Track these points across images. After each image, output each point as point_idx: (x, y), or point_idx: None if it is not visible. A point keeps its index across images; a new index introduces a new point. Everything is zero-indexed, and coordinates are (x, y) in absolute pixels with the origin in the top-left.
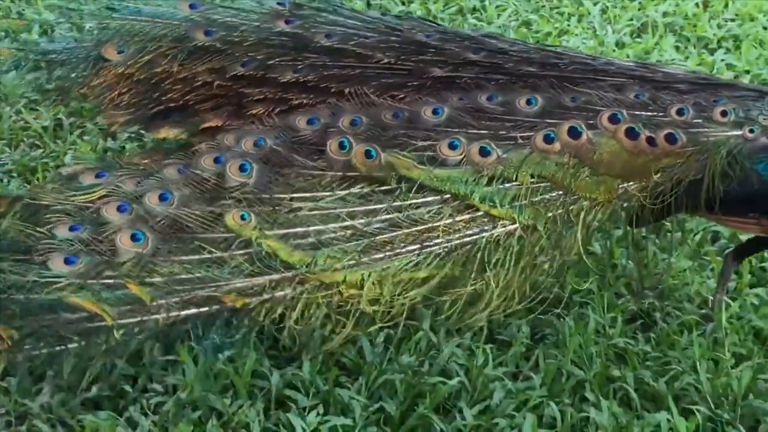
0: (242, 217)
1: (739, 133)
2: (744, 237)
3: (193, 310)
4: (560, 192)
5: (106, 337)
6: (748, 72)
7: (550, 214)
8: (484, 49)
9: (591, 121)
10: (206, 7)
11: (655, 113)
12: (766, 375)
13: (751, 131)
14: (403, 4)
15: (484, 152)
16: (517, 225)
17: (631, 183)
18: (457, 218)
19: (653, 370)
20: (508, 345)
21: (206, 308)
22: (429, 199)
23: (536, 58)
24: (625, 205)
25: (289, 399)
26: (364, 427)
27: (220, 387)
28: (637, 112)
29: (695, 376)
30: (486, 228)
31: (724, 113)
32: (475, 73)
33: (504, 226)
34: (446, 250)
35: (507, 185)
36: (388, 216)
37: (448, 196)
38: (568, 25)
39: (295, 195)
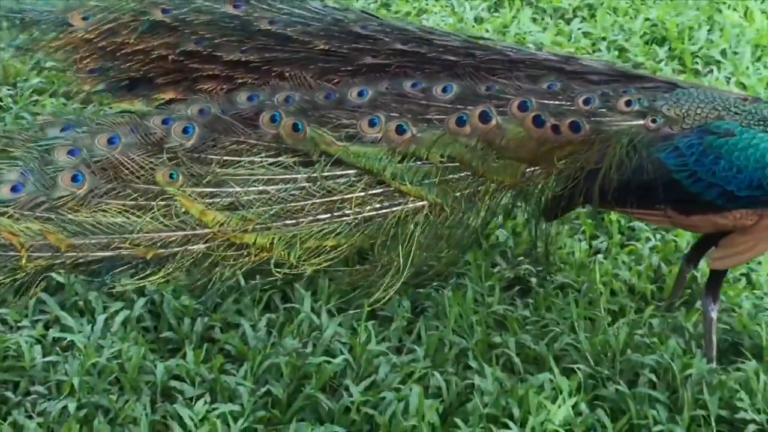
0: (171, 176)
1: (642, 122)
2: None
3: (106, 253)
4: (468, 173)
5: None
6: (604, 39)
7: (457, 194)
8: (413, 40)
9: (502, 108)
10: None
11: (563, 102)
12: (642, 330)
13: (654, 121)
14: None
15: (400, 130)
16: (425, 202)
17: (536, 169)
18: (369, 192)
19: (533, 334)
20: (389, 320)
21: (117, 253)
22: (345, 172)
23: (460, 49)
24: (530, 190)
25: (175, 390)
26: (253, 412)
27: (104, 383)
28: (546, 101)
29: (574, 336)
30: (396, 203)
31: (628, 103)
32: (403, 62)
33: (413, 203)
34: (356, 221)
35: (418, 164)
36: (302, 185)
37: (362, 170)
38: (427, 4)
39: (226, 158)
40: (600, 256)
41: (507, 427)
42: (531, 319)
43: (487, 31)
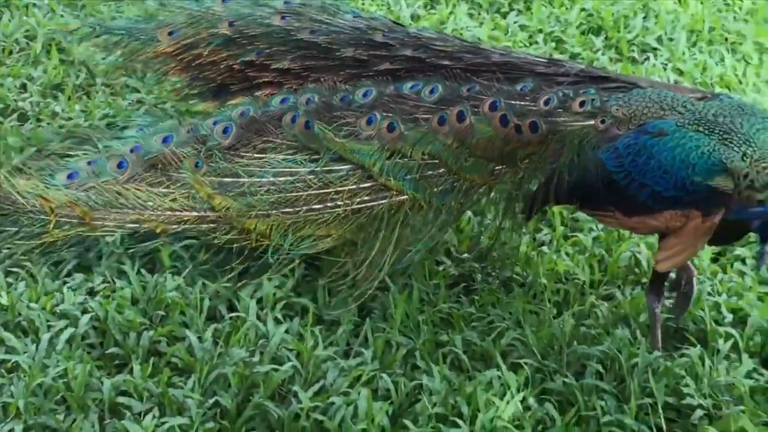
0: (197, 164)
1: (592, 123)
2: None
3: (125, 226)
4: (444, 170)
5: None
6: (540, 31)
7: (436, 189)
8: (421, 47)
9: (476, 108)
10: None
11: (528, 103)
12: (588, 321)
13: (603, 122)
14: None
15: (390, 128)
16: (405, 197)
17: (503, 167)
18: (360, 185)
19: (479, 331)
20: (336, 324)
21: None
22: (341, 167)
23: (456, 53)
24: (500, 188)
25: (122, 406)
26: (202, 424)
27: (51, 403)
28: (514, 102)
29: (520, 331)
30: (382, 197)
31: (582, 104)
32: (413, 66)
33: (397, 197)
34: (346, 212)
35: (404, 161)
36: (304, 178)
37: (356, 165)
38: (363, 3)
39: (255, 155)
40: (545, 248)
41: (456, 425)
42: (476, 316)
43: (424, 27)
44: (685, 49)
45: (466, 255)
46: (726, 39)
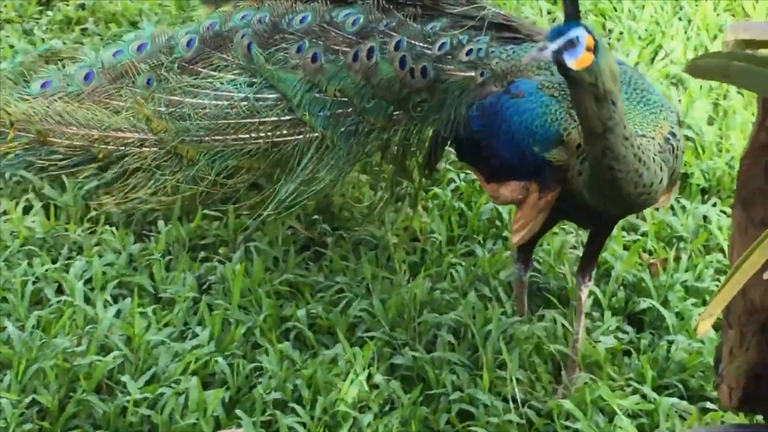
0: (148, 81)
1: (472, 75)
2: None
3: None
4: (351, 110)
5: None
6: None
7: (342, 129)
8: None
9: (385, 46)
10: None
11: (428, 46)
12: (443, 284)
13: (482, 74)
14: None
15: (314, 58)
16: (317, 134)
17: (400, 113)
18: (282, 118)
19: (326, 302)
20: (172, 303)
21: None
22: (269, 96)
23: None
24: (395, 135)
25: None
26: (19, 426)
27: None
28: (418, 43)
29: (369, 300)
30: (299, 132)
31: (468, 52)
32: None
33: (310, 133)
34: (267, 145)
35: (320, 95)
36: (237, 103)
37: (281, 95)
38: None
39: (209, 72)
40: (401, 204)
41: (295, 412)
42: (324, 285)
43: None
44: None
45: (316, 216)
46: None
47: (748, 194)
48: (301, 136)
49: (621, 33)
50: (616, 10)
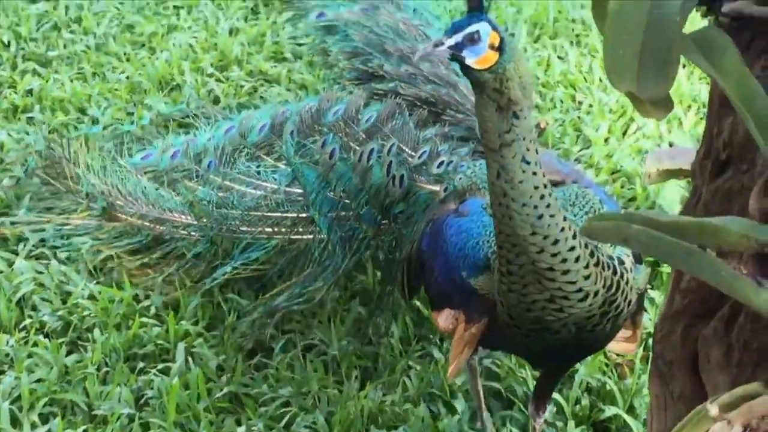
0: (208, 165)
1: (437, 189)
2: None
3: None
4: (352, 213)
5: None
6: None
7: (341, 234)
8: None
9: (382, 149)
10: None
11: (411, 152)
12: (393, 395)
13: (445, 190)
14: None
15: (332, 154)
16: (324, 235)
17: (386, 224)
18: (301, 215)
19: (269, 417)
20: (106, 421)
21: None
22: (296, 189)
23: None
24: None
25: None
26: None
27: None
28: (407, 149)
29: (314, 415)
30: (310, 232)
31: (440, 164)
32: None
33: (319, 234)
34: (284, 241)
35: (331, 194)
36: (268, 195)
37: (303, 190)
38: (178, 20)
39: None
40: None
41: None
42: (268, 397)
43: (242, 44)
44: (527, 45)
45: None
46: (572, 30)
47: (665, 366)
48: (311, 236)
49: (591, 105)
50: (586, 81)
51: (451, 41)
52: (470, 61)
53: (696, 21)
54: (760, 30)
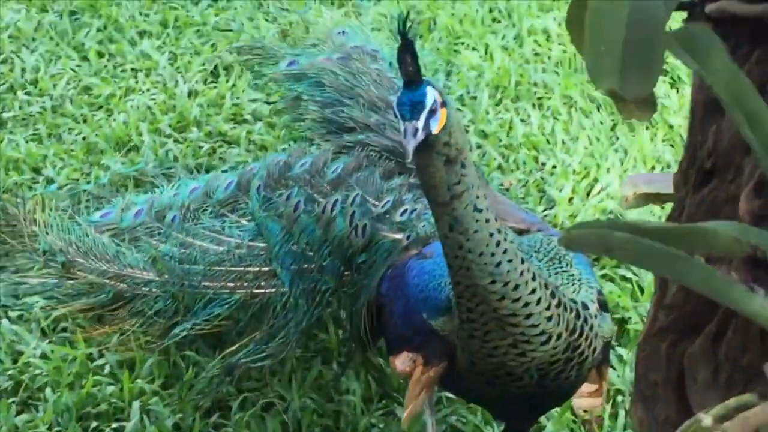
0: (172, 219)
1: (399, 237)
2: None
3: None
4: (314, 265)
5: None
6: None
7: (304, 287)
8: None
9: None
10: None
11: (374, 202)
12: None
13: (408, 237)
14: None
15: (296, 207)
16: (286, 289)
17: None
18: (263, 269)
19: None
20: None
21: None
22: (259, 243)
23: None
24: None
25: None
26: None
27: None
28: (371, 199)
29: None
30: (272, 286)
31: (403, 212)
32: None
33: (281, 288)
34: (247, 296)
35: (294, 247)
36: (230, 249)
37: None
38: (136, 82)
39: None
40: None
41: None
42: None
43: (201, 106)
44: (489, 108)
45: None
46: (534, 93)
47: (648, 389)
48: (273, 290)
49: (554, 167)
50: (549, 143)
51: (420, 123)
52: (434, 129)
53: (680, 21)
54: (743, 34)
